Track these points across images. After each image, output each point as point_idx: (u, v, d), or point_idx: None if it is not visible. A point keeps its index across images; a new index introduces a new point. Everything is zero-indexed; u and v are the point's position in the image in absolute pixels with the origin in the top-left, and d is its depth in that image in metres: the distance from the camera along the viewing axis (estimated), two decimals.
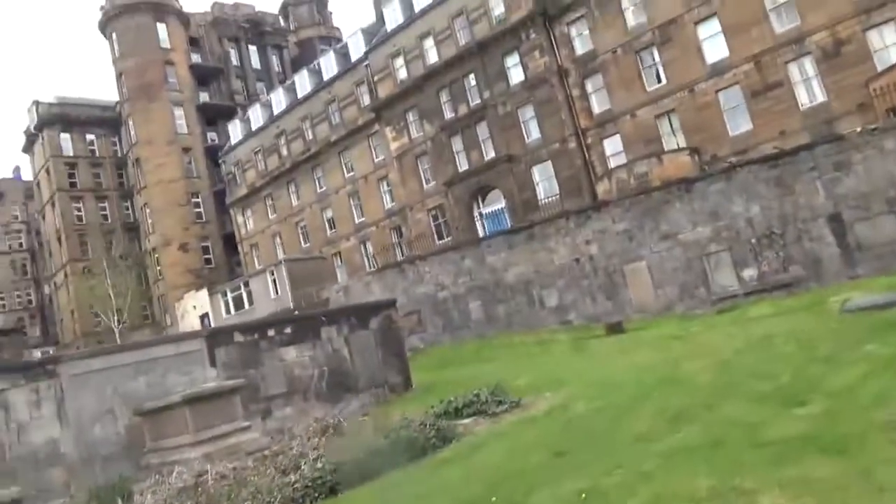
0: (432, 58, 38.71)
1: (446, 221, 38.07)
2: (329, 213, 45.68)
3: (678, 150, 28.81)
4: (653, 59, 31.16)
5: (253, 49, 67.36)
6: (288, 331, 15.23)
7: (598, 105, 33.06)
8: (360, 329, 16.77)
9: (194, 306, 48.61)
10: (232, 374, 13.79)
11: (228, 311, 46.11)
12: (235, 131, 53.88)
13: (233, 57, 65.36)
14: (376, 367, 16.76)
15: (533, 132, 34.92)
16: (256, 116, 51.62)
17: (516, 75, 35.39)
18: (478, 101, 36.71)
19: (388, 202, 42.18)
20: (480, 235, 31.26)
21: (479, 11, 36.50)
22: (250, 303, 44.30)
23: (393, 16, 41.31)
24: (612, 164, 31.56)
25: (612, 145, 32.68)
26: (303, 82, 48.03)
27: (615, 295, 23.36)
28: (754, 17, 27.91)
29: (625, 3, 31.89)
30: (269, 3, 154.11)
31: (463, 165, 37.61)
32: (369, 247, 42.76)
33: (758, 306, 17.76)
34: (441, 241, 37.07)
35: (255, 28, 67.72)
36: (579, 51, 33.36)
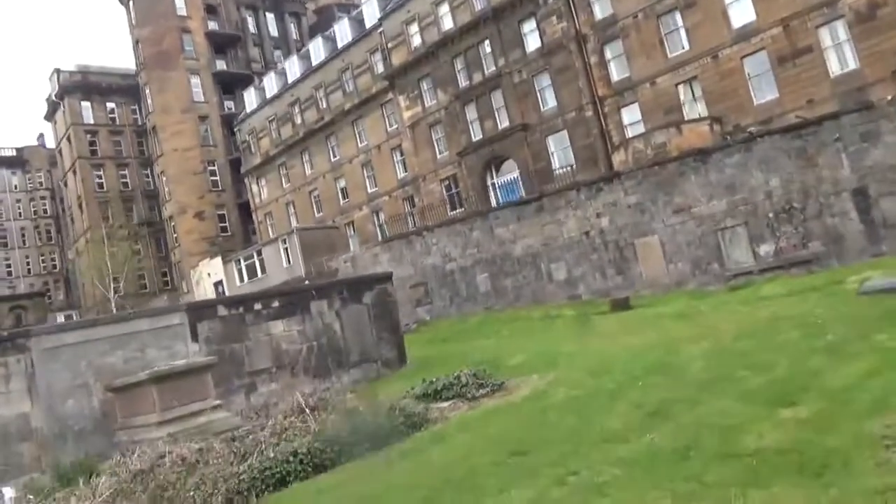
0: (447, 24, 37.51)
1: (459, 192, 37.27)
2: (342, 183, 45.12)
3: (699, 119, 27.51)
4: (675, 24, 29.66)
5: (270, 17, 66.36)
6: (276, 304, 14.77)
7: (616, 72, 31.72)
8: (352, 303, 16.26)
9: (209, 274, 48.80)
10: (215, 349, 13.41)
11: (242, 279, 46.14)
12: (251, 99, 53.32)
13: (250, 24, 64.46)
14: (369, 342, 16.28)
15: (549, 101, 33.74)
16: (271, 84, 50.93)
17: (533, 42, 34.10)
18: (493, 68, 35.54)
19: (401, 172, 41.45)
20: (493, 206, 30.43)
21: None
22: (263, 271, 44.24)
23: None
24: (630, 133, 30.33)
25: (631, 114, 31.40)
26: (317, 50, 47.12)
27: (625, 269, 22.53)
28: None
29: None
30: None
31: (477, 135, 36.62)
32: (382, 216, 42.19)
33: (772, 284, 16.84)
34: (454, 212, 36.30)
35: None
36: (599, 15, 31.91)
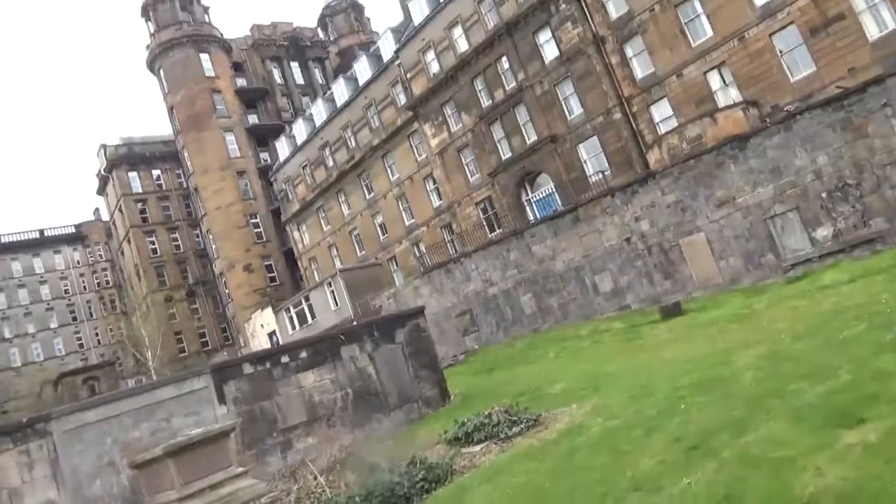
0: (462, 46, 37.21)
1: (496, 213, 36.52)
2: (380, 219, 45.00)
3: (733, 105, 26.11)
4: (694, 11, 28.45)
5: (295, 65, 67.80)
6: (304, 355, 14.27)
7: (640, 70, 30.62)
8: (385, 343, 15.63)
9: (262, 325, 49.21)
10: (244, 410, 12.95)
11: (294, 326, 46.33)
12: (283, 148, 54.17)
13: (276, 76, 65.94)
14: (407, 382, 15.58)
15: (574, 108, 32.82)
16: (300, 131, 51.64)
17: (550, 51, 33.37)
18: (513, 83, 34.92)
19: (435, 200, 41.03)
20: (528, 223, 29.54)
21: None
22: (312, 316, 44.29)
23: (419, 9, 40.03)
24: (663, 130, 29.11)
25: (661, 110, 30.18)
26: (340, 91, 47.57)
27: (674, 273, 21.26)
28: None
29: None
30: (307, 16, 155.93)
31: (506, 153, 35.92)
32: (422, 248, 41.73)
33: (833, 271, 15.42)
34: (493, 234, 35.54)
35: (295, 44, 68.16)
36: (614, 14, 30.99)
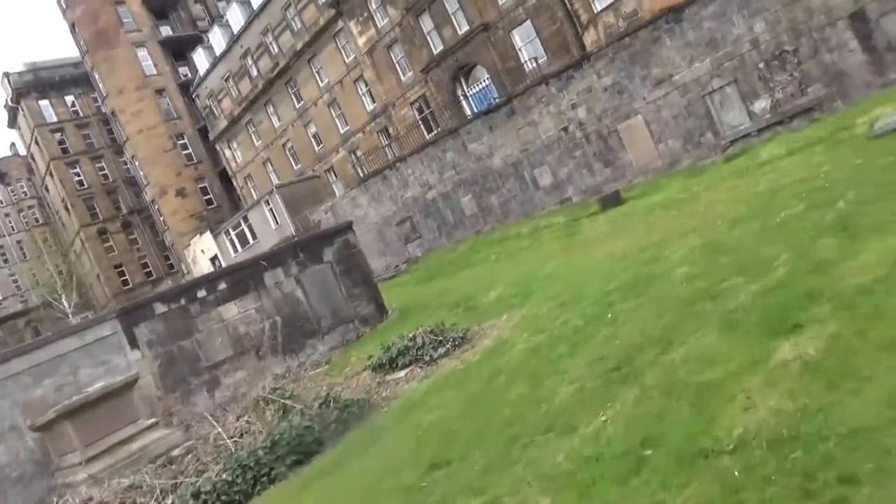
0: None
1: (432, 112, 34.85)
2: (313, 129, 42.74)
3: None
4: None
5: None
6: (223, 286, 13.22)
7: None
8: (312, 264, 14.65)
9: (202, 250, 47.53)
10: (160, 352, 12.00)
11: (236, 248, 44.84)
12: (202, 61, 50.31)
13: None
14: (340, 302, 14.78)
15: None
16: (218, 40, 47.81)
17: None
18: None
19: (368, 104, 38.92)
20: (460, 122, 28.16)
21: None
22: (254, 237, 42.79)
23: None
24: (599, 8, 27.49)
25: None
26: None
27: (613, 160, 20.53)
28: None
29: None
30: None
31: (437, 46, 33.78)
32: (360, 155, 40.05)
33: (771, 145, 14.85)
34: (432, 135, 34.07)
35: None
36: None
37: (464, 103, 33.58)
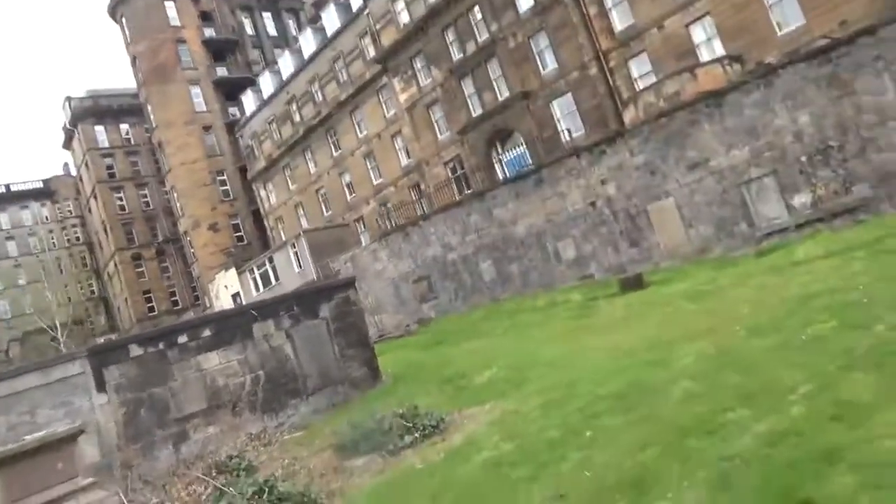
0: None
1: (465, 173, 34.55)
2: (347, 178, 42.88)
3: (716, 60, 24.12)
4: None
5: (267, 16, 64.35)
6: (207, 334, 12.54)
7: (619, 21, 28.41)
8: (307, 319, 13.93)
9: (226, 286, 47.43)
10: (129, 398, 11.28)
11: (258, 287, 44.61)
12: (250, 103, 51.51)
13: (247, 26, 62.55)
14: (331, 363, 13.93)
15: (549, 62, 30.63)
16: (267, 85, 48.98)
17: (525, 1, 30.98)
18: (486, 35, 32.58)
19: (404, 159, 38.93)
20: (489, 185, 27.63)
21: None
22: (276, 278, 42.55)
23: None
24: (641, 86, 27.10)
25: (639, 65, 28.09)
26: (307, 42, 44.85)
27: (640, 240, 19.60)
28: None
29: None
30: None
31: (477, 109, 33.79)
32: (390, 208, 39.80)
33: (809, 244, 13.79)
34: (458, 196, 33.66)
35: None
36: None
37: (497, 167, 33.23)
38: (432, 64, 35.43)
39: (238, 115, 56.38)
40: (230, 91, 57.42)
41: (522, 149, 32.04)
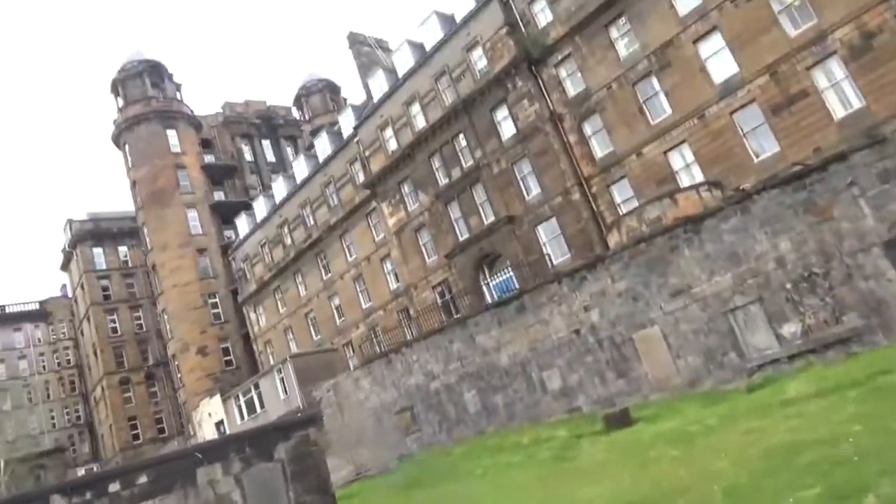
0: (420, 123, 35.86)
1: (453, 297, 34.05)
2: (336, 301, 42.38)
3: (695, 185, 24.30)
4: (653, 89, 27.14)
5: (266, 143, 66.81)
6: (143, 481, 11.38)
7: (599, 148, 29.09)
8: (260, 461, 12.76)
9: (209, 414, 45.58)
10: None
11: (242, 416, 42.82)
12: (243, 226, 52.12)
13: (246, 153, 64.77)
14: None
15: (532, 188, 31.05)
16: (261, 208, 49.79)
17: (507, 129, 31.94)
18: (471, 161, 33.31)
19: (393, 283, 38.61)
20: (470, 312, 27.00)
21: (461, 67, 33.64)
22: (262, 406, 40.92)
23: (378, 86, 39.06)
24: (624, 211, 27.22)
25: (621, 191, 28.42)
26: (301, 168, 46.07)
27: (628, 371, 18.66)
28: (761, 23, 23.79)
29: (613, 32, 28.32)
30: (283, 96, 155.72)
31: (463, 234, 33.89)
32: (380, 333, 38.98)
33: (800, 379, 12.94)
34: (440, 323, 32.95)
35: (268, 122, 67.45)
36: (571, 92, 29.72)
37: (486, 292, 32.79)
38: (419, 189, 36.01)
39: (232, 238, 56.95)
40: (227, 215, 58.35)
41: (510, 273, 31.76)
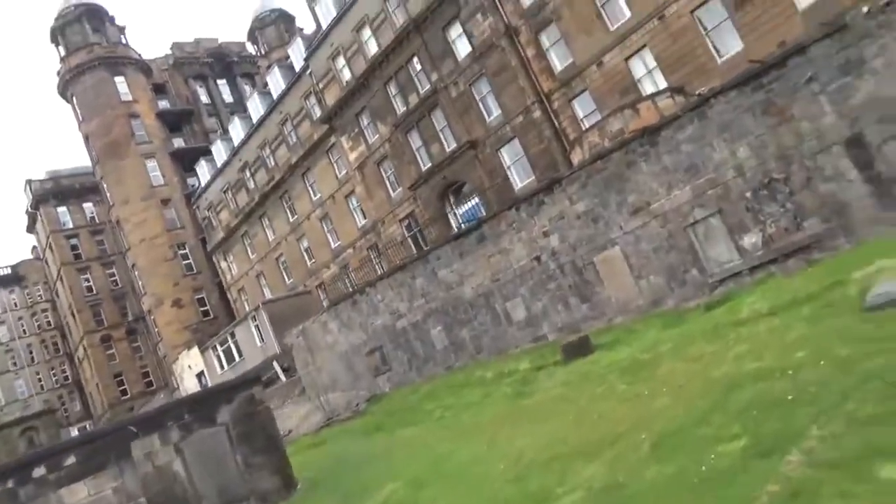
0: (372, 49, 33.94)
1: (420, 230, 33.20)
2: (305, 243, 41.42)
3: (657, 93, 23.11)
4: None
5: (223, 83, 63.96)
6: (72, 461, 10.75)
7: (558, 61, 27.60)
8: (201, 427, 12.17)
9: (189, 366, 45.38)
10: None
11: (222, 365, 42.61)
12: (204, 173, 50.35)
13: (202, 95, 62.02)
14: (233, 477, 12.13)
15: (493, 109, 29.69)
16: (220, 153, 47.93)
17: (462, 47, 30.23)
18: (427, 86, 31.72)
19: (360, 220, 37.60)
20: (430, 245, 26.21)
21: None
22: (240, 354, 40.64)
23: (326, 12, 36.74)
24: (587, 126, 26.06)
25: (583, 104, 27.17)
26: (255, 107, 44.06)
27: (591, 295, 18.07)
28: None
29: None
30: (236, 31, 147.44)
31: (426, 163, 32.69)
32: (352, 273, 38.27)
33: (758, 292, 12.36)
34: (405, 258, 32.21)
35: (221, 61, 64.34)
36: (526, 1, 27.93)
37: (452, 221, 31.94)
38: (378, 119, 34.50)
39: (197, 185, 55.18)
40: (188, 162, 56.24)
41: (476, 200, 30.82)
